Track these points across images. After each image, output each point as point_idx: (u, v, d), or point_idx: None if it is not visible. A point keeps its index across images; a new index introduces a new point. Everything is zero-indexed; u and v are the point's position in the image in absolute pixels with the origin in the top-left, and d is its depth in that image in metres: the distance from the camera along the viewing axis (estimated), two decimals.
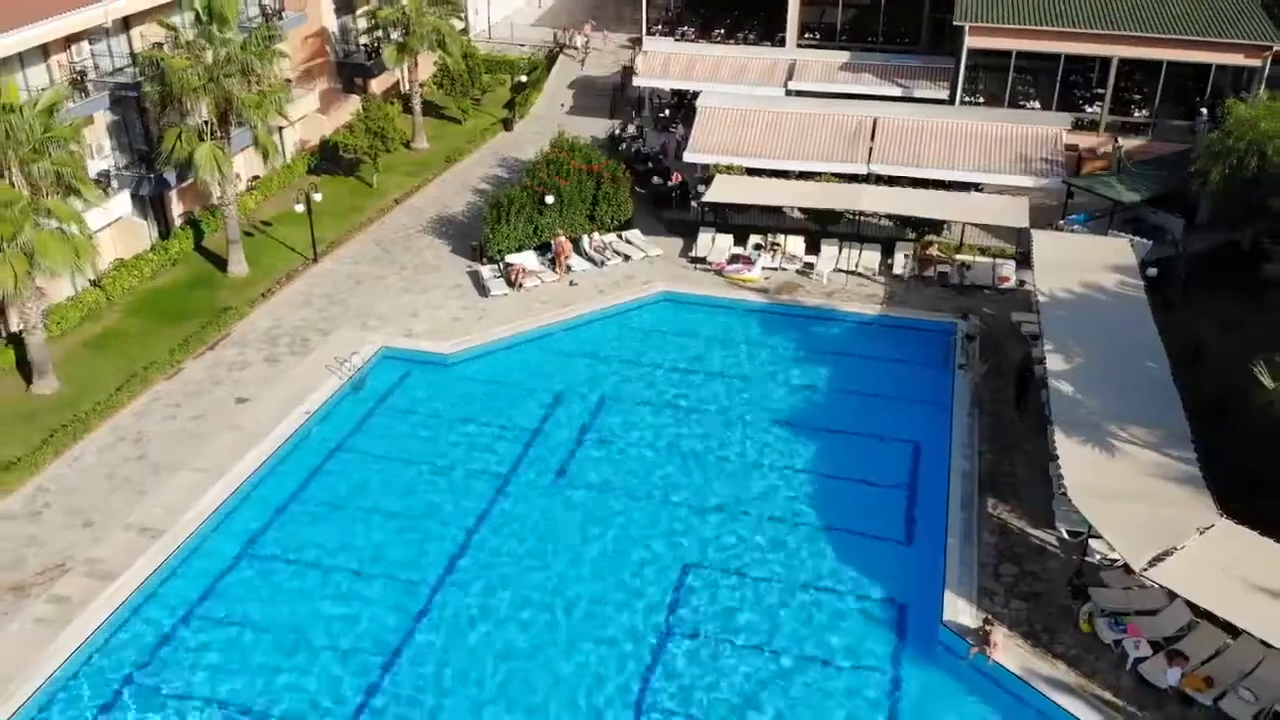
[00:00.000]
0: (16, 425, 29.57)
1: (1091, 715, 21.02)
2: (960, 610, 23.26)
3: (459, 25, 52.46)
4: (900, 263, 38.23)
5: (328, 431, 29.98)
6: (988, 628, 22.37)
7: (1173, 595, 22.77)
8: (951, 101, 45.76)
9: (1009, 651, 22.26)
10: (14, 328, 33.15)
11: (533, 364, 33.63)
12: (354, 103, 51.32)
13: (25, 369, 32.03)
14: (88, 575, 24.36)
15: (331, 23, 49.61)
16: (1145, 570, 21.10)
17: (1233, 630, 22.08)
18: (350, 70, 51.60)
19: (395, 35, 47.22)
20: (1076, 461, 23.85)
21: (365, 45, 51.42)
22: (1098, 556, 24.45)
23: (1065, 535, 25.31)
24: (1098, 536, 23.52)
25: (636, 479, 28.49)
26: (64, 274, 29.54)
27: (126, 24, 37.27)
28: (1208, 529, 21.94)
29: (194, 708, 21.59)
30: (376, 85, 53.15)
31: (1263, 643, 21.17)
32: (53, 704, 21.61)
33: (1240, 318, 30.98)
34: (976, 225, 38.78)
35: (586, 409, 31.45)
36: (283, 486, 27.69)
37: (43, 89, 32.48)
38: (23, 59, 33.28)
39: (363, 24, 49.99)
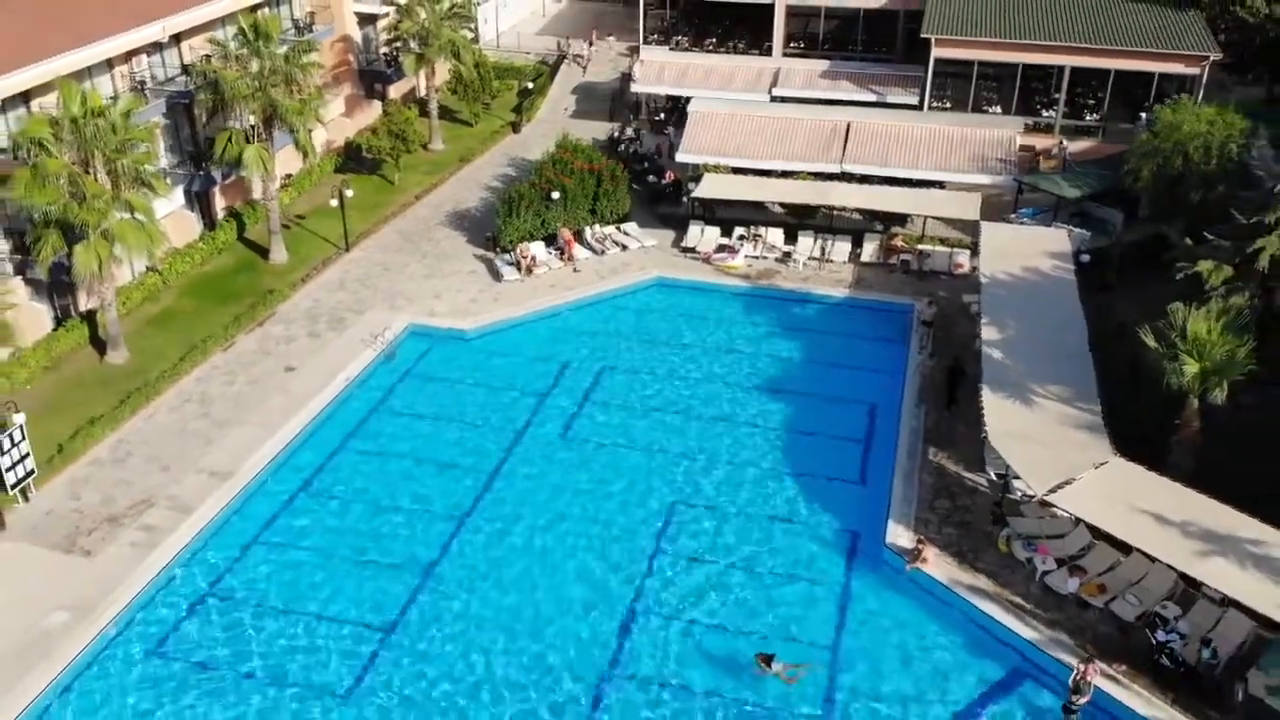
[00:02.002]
0: (96, 389, 34.19)
1: (1005, 615, 25.57)
2: (900, 535, 27.87)
3: (469, 35, 56.89)
4: (868, 252, 42.85)
5: (365, 394, 34.62)
6: (920, 547, 26.95)
7: (1077, 522, 27.40)
8: (921, 107, 50.34)
9: (939, 566, 26.86)
10: (83, 307, 37.82)
11: (542, 339, 38.18)
12: (375, 107, 55.97)
13: (96, 343, 36.68)
14: (169, 509, 28.97)
15: (355, 33, 54.20)
16: (1047, 495, 25.70)
17: (1124, 550, 26.67)
18: (371, 77, 56.27)
19: (414, 46, 51.69)
20: (999, 412, 28.46)
21: (385, 54, 56.07)
22: (1019, 493, 29.00)
23: (993, 477, 29.87)
24: (1019, 477, 28.09)
25: (633, 434, 33.06)
26: (140, 257, 34.13)
27: (177, 39, 41.85)
28: (1102, 464, 26.54)
29: (264, 612, 26.19)
30: (394, 91, 57.74)
31: (1147, 556, 25.82)
32: (149, 607, 26.20)
33: (1159, 299, 35.41)
34: (935, 218, 43.29)
35: (589, 376, 36.01)
36: (329, 439, 32.37)
37: (110, 96, 37.08)
38: (91, 71, 37.88)
39: (384, 36, 54.59)
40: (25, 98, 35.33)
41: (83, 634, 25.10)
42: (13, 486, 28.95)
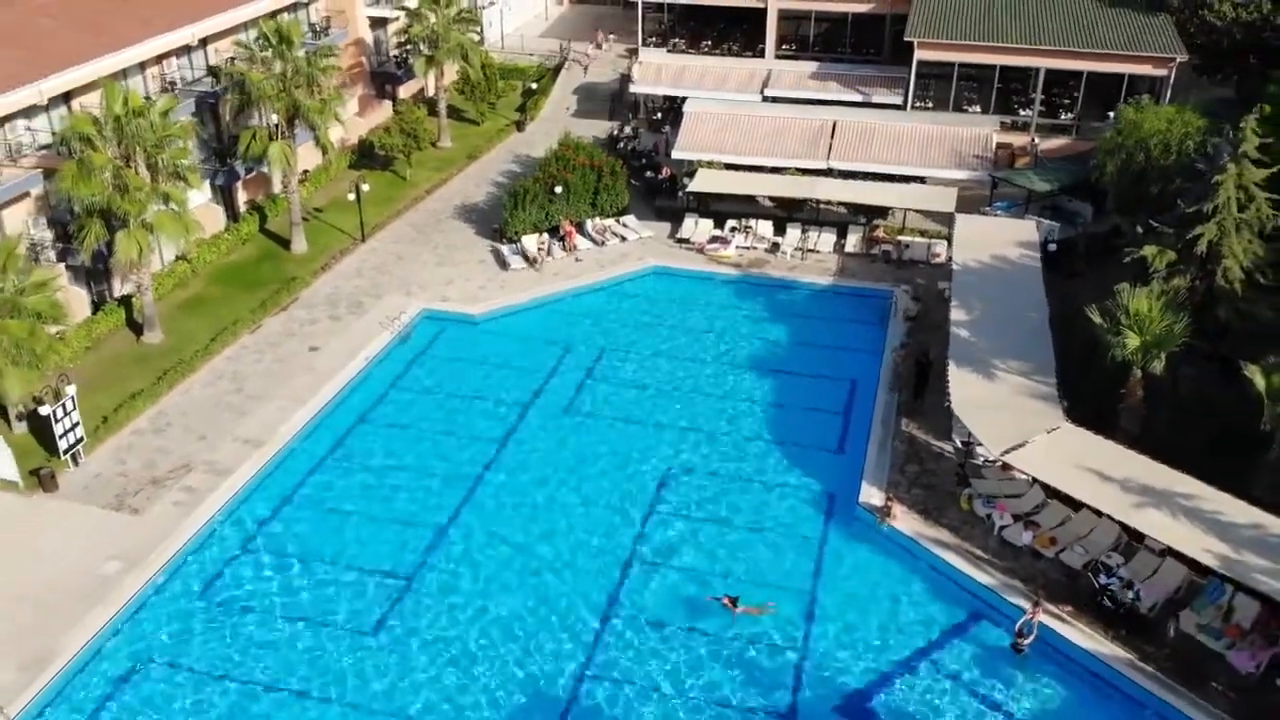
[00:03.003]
0: (134, 366, 37.02)
1: (965, 565, 28.40)
2: (873, 495, 30.71)
3: (476, 38, 59.61)
4: (852, 242, 45.68)
5: (384, 372, 37.50)
6: (890, 505, 29.79)
7: (1033, 482, 30.22)
8: (905, 106, 53.13)
9: (906, 522, 29.70)
10: (117, 293, 40.62)
11: (546, 323, 41.00)
12: (385, 107, 58.74)
13: (132, 325, 39.48)
14: (208, 472, 31.82)
15: (367, 36, 56.96)
16: (1002, 455, 28.53)
17: (1075, 506, 29.46)
18: (382, 78, 59.01)
19: (424, 49, 54.45)
20: (963, 384, 31.30)
21: (395, 56, 58.83)
22: (981, 458, 31.82)
23: (959, 444, 32.63)
24: (981, 443, 30.86)
25: (632, 408, 35.91)
26: (176, 245, 36.94)
27: (204, 43, 44.64)
28: (1054, 430, 29.35)
29: (293, 561, 29.08)
30: (404, 91, 60.47)
31: (1095, 511, 28.64)
32: (193, 557, 29.06)
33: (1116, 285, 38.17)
34: (915, 210, 46.10)
35: (590, 357, 38.82)
36: (352, 411, 35.25)
37: (145, 96, 39.82)
38: (126, 73, 40.65)
39: (394, 39, 57.36)
40: (67, 97, 38.12)
41: (135, 580, 27.93)
42: (65, 452, 31.80)
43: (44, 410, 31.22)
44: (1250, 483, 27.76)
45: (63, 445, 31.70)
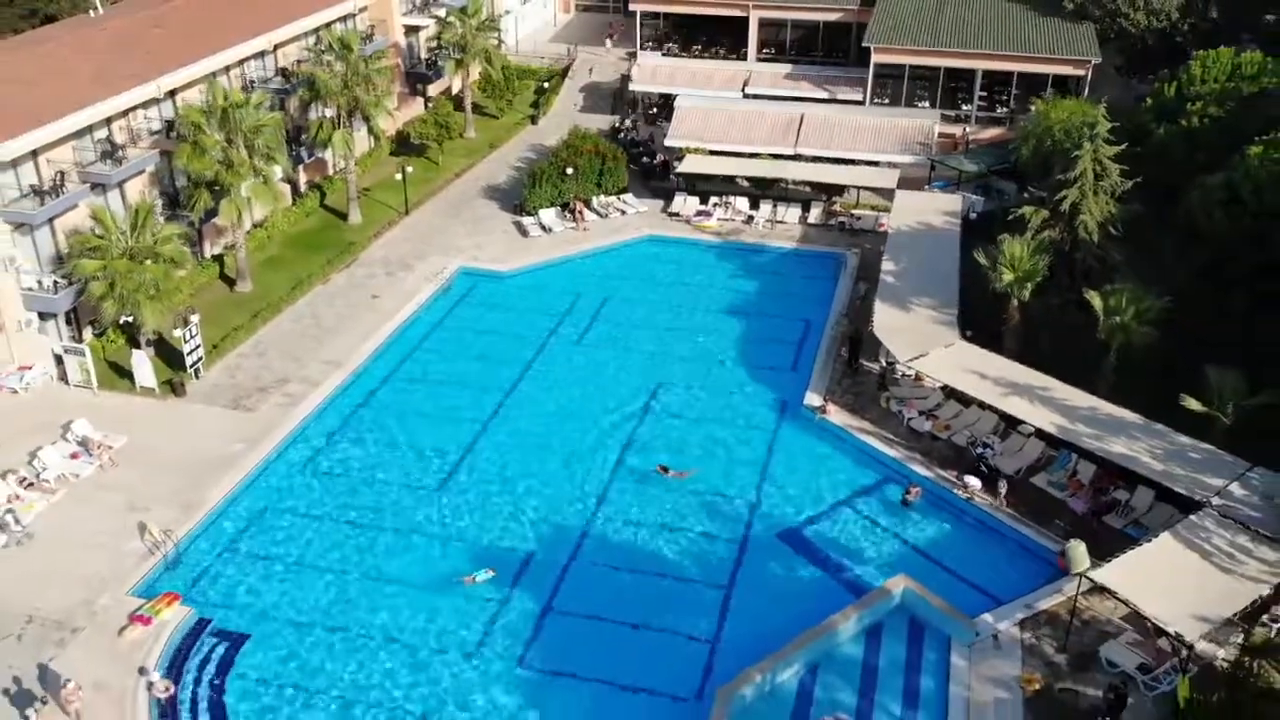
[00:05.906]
0: (232, 309, 46.22)
1: (881, 446, 37.57)
2: (814, 399, 39.94)
3: (495, 42, 68.67)
4: (814, 215, 54.87)
5: (432, 314, 46.77)
6: (826, 404, 39.03)
7: (935, 388, 39.40)
8: (864, 102, 62.27)
9: (838, 417, 38.92)
10: (208, 253, 49.78)
11: (560, 279, 50.17)
12: (417, 103, 67.85)
13: (224, 279, 48.65)
14: (301, 383, 41.05)
15: (402, 41, 66.09)
16: (909, 361, 37.75)
17: (966, 404, 38.64)
18: (414, 78, 68.12)
19: (453, 53, 63.61)
20: (885, 315, 40.51)
21: (426, 59, 68.00)
22: (900, 373, 40.99)
23: (884, 364, 41.76)
24: (898, 361, 39.99)
25: (629, 341, 45.11)
26: (263, 211, 46.21)
27: (275, 48, 53.78)
28: (950, 345, 38.55)
29: (372, 442, 38.33)
30: (433, 89, 69.57)
31: (981, 405, 37.82)
32: (295, 443, 38.24)
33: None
34: (865, 188, 55.26)
35: (596, 303, 48.02)
36: (409, 342, 44.54)
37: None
38: (214, 75, 49.77)
39: (425, 44, 66.51)
40: (171, 93, 47.23)
41: (254, 456, 37.12)
42: (190, 366, 41.01)
43: (176, 332, 40.44)
44: (1095, 380, 36.91)
45: (189, 361, 40.92)
